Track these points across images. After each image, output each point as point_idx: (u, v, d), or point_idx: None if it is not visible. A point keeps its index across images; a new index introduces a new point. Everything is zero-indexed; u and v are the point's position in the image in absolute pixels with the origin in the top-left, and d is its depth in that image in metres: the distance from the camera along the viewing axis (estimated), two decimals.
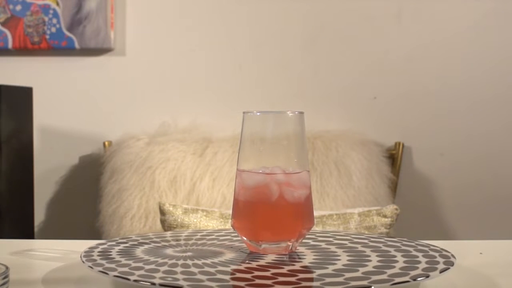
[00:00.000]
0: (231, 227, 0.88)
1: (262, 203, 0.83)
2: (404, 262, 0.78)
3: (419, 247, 0.85)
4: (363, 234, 0.97)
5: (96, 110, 2.22)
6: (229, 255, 0.82)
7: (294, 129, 0.84)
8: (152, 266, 0.76)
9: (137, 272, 0.73)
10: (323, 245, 0.88)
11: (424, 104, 2.16)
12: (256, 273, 0.74)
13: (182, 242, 0.90)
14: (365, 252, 0.83)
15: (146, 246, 0.87)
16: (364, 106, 2.17)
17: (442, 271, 0.73)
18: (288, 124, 0.85)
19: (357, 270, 0.74)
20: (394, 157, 2.11)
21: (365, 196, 1.92)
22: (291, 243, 0.83)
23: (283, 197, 0.82)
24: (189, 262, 0.78)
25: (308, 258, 0.82)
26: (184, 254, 0.83)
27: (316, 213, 1.63)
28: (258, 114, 0.85)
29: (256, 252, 0.83)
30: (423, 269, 0.74)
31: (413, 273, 0.72)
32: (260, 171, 0.83)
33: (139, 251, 0.84)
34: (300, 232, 0.83)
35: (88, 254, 0.82)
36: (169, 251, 0.84)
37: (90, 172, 2.19)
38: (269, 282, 0.70)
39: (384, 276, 0.71)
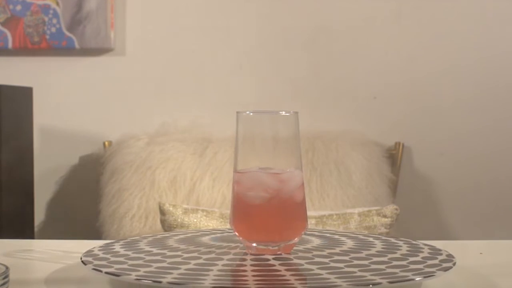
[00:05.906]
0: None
1: (236, 203, 0.82)
2: (404, 261, 0.77)
3: (419, 247, 0.85)
4: (362, 233, 0.97)
5: (96, 110, 2.22)
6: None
7: (288, 129, 0.82)
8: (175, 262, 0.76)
9: (168, 276, 0.72)
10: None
11: (424, 104, 2.16)
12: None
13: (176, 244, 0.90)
14: (363, 251, 0.83)
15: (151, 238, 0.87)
16: (364, 106, 2.17)
17: (442, 271, 0.73)
18: (282, 124, 0.83)
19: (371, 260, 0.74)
20: (394, 157, 2.11)
21: (365, 196, 1.92)
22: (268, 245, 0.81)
23: (240, 198, 0.81)
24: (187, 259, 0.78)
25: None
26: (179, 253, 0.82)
27: (316, 213, 1.63)
28: (251, 114, 0.83)
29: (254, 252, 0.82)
30: (423, 269, 0.74)
31: (413, 272, 0.72)
32: (237, 171, 0.82)
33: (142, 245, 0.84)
34: (281, 233, 0.81)
35: (88, 255, 0.82)
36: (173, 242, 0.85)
37: (90, 172, 2.18)
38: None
39: (383, 275, 0.71)
